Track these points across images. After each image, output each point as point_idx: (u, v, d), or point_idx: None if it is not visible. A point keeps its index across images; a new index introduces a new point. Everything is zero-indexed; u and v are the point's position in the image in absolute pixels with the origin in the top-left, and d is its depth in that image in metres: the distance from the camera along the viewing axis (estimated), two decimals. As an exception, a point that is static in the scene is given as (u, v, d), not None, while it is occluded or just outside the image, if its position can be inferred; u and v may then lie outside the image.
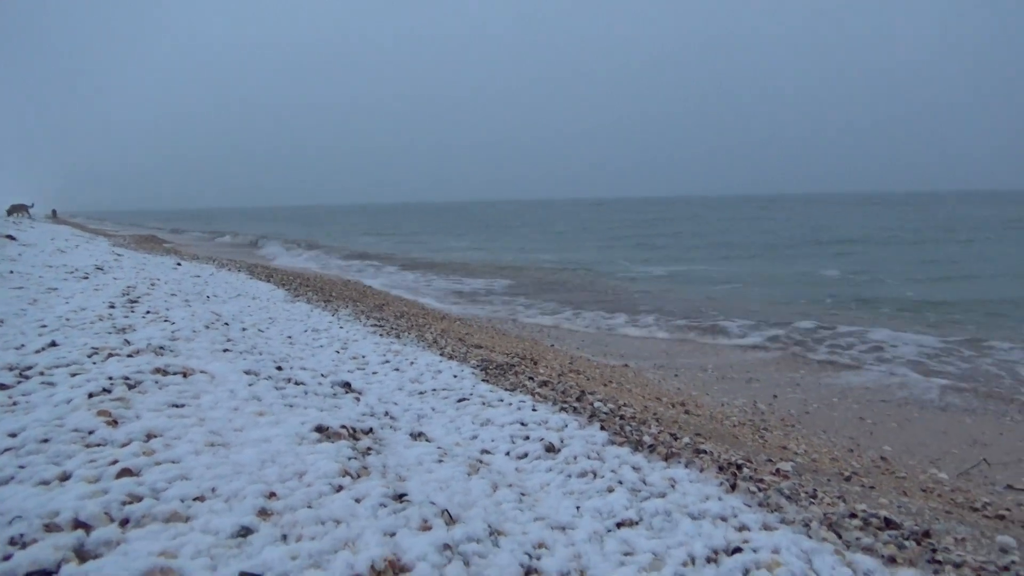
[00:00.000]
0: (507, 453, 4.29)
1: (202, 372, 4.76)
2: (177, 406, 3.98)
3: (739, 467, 4.33)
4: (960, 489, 4.60)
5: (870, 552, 3.28)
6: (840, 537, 3.42)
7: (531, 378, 6.37)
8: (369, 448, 3.76)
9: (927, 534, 3.54)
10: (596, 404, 5.61)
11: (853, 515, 3.72)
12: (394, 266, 22.99)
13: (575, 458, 4.18)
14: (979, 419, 6.34)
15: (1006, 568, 3.21)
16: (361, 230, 51.91)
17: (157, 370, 4.57)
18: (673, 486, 3.90)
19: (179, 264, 15.50)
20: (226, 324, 7.25)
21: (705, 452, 4.55)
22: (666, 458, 4.38)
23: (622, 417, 5.28)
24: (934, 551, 3.33)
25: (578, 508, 3.47)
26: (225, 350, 5.80)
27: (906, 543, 3.41)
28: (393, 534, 2.62)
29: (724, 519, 3.49)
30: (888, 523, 3.64)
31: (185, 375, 4.63)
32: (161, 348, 5.37)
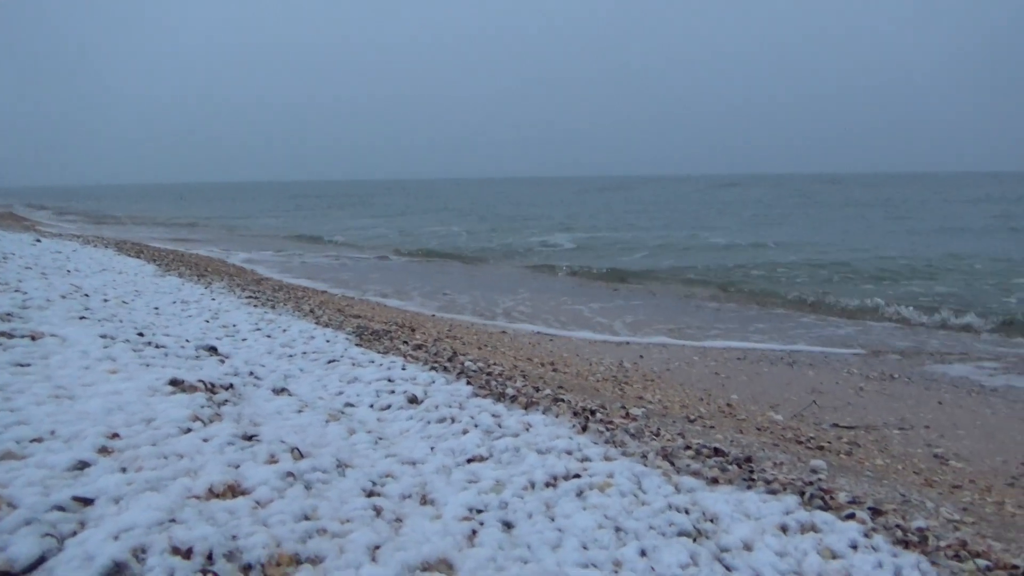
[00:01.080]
0: (371, 405, 4.45)
1: (53, 336, 4.65)
2: (22, 365, 3.90)
3: (592, 412, 4.68)
4: (791, 427, 5.15)
5: (696, 475, 3.68)
6: (673, 464, 3.81)
7: (406, 342, 6.54)
8: (227, 400, 3.84)
9: (749, 459, 4.00)
10: (467, 363, 5.85)
11: (688, 447, 4.14)
12: (266, 251, 22.45)
13: (436, 407, 4.39)
14: (820, 372, 7.04)
15: (811, 483, 3.69)
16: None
17: (1, 334, 4.43)
18: (527, 429, 4.18)
19: (39, 240, 14.59)
20: (86, 296, 7.00)
21: (563, 401, 4.88)
22: (526, 406, 4.68)
23: (489, 374, 5.55)
24: (751, 472, 3.77)
25: (432, 448, 3.69)
26: (82, 318, 5.64)
27: (729, 467, 3.84)
28: (237, 466, 2.74)
29: (569, 452, 3.81)
30: (717, 452, 4.08)
31: (33, 338, 4.51)
32: (8, 315, 5.17)
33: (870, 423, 5.41)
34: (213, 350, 5.27)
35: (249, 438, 3.11)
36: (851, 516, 3.27)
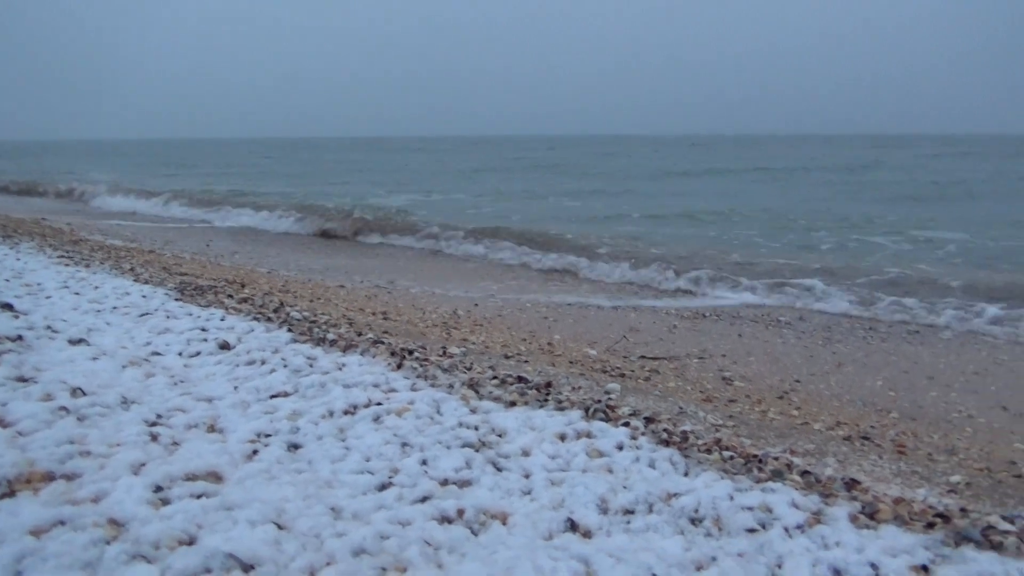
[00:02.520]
0: (179, 353, 4.43)
1: None
2: None
3: (410, 352, 4.89)
4: (602, 360, 5.61)
5: (496, 399, 3.98)
6: (477, 392, 4.09)
7: (231, 296, 6.46)
8: (10, 350, 3.71)
9: (549, 384, 4.35)
10: (292, 314, 5.88)
11: (495, 377, 4.44)
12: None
13: (248, 352, 4.44)
14: (641, 314, 7.63)
15: (600, 401, 4.08)
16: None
17: None
18: (340, 368, 4.33)
19: None
20: None
21: (383, 343, 5.05)
22: (344, 349, 4.81)
23: (314, 322, 5.62)
24: (548, 395, 4.12)
25: (236, 388, 3.77)
26: None
27: (529, 391, 4.18)
28: (5, 404, 2.71)
29: (376, 386, 4.00)
30: (520, 380, 4.41)
31: None
32: None
33: (675, 354, 5.98)
34: (8, 307, 5.00)
35: (23, 379, 3.06)
36: (626, 424, 3.68)
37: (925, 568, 2.36)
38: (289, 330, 5.21)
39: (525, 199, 22.18)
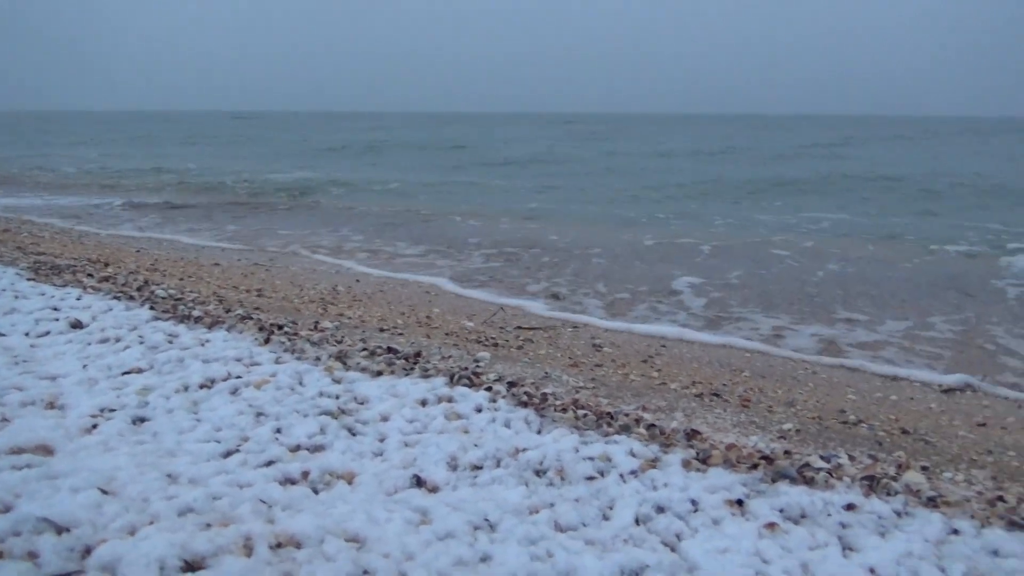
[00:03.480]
0: (26, 333, 4.24)
1: None
2: None
3: (280, 327, 4.85)
4: (479, 331, 5.73)
5: (364, 370, 4.03)
6: (344, 363, 4.13)
7: (91, 275, 6.17)
8: None
9: (419, 354, 4.44)
10: (157, 292, 5.70)
11: (365, 349, 4.48)
12: None
13: (103, 331, 4.30)
14: (510, 287, 7.81)
15: (467, 368, 4.20)
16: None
17: None
18: (203, 344, 4.26)
19: None
20: None
21: (252, 319, 4.99)
22: (210, 326, 4.72)
23: (180, 300, 5.47)
24: (416, 364, 4.21)
25: (84, 366, 3.65)
26: None
27: (397, 361, 4.25)
28: None
29: (239, 360, 3.97)
30: (390, 350, 4.47)
31: None
32: None
33: (551, 325, 6.18)
34: None
35: None
36: (488, 389, 3.82)
37: (740, 502, 2.61)
38: (152, 308, 5.06)
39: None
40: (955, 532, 2.48)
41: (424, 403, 3.51)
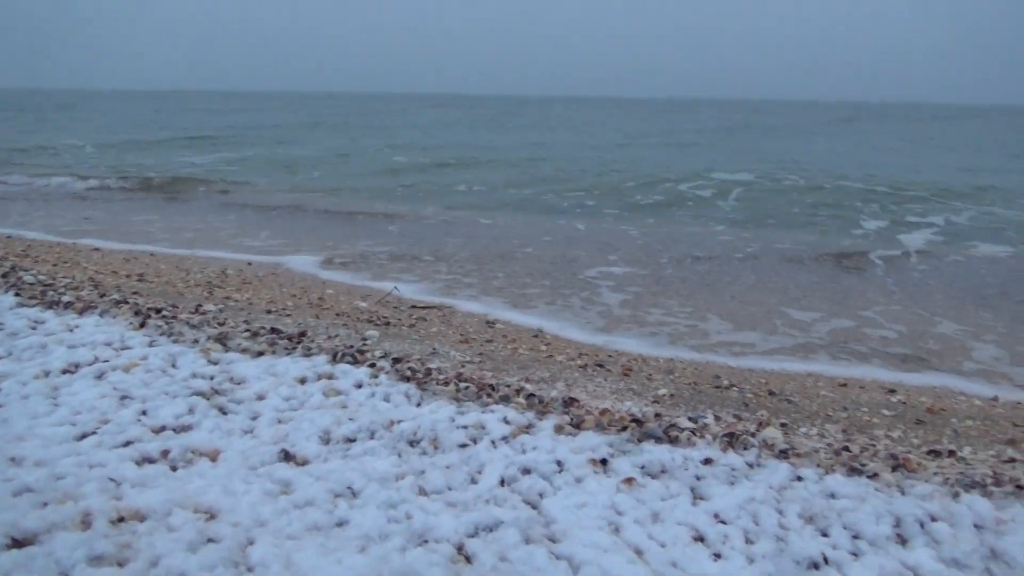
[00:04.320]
0: None
1: None
2: None
3: (157, 311, 4.70)
4: (372, 311, 5.71)
5: (245, 351, 3.96)
6: (224, 345, 4.04)
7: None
8: None
9: (303, 334, 4.39)
10: (26, 278, 5.41)
11: (248, 331, 4.40)
12: None
13: (-44, 318, 4.05)
14: (407, 268, 7.81)
15: (352, 346, 4.19)
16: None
17: None
18: (71, 330, 4.09)
19: None
20: None
21: (128, 303, 4.81)
22: (81, 311, 4.53)
23: (49, 286, 5.21)
24: (299, 344, 4.16)
25: (-69, 354, 3.44)
26: None
27: (280, 341, 4.19)
28: None
29: (108, 344, 3.84)
30: (274, 331, 4.41)
31: None
32: None
33: (445, 303, 6.21)
34: None
35: None
36: (372, 365, 3.83)
37: (604, 461, 2.74)
38: (17, 294, 4.81)
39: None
40: (799, 479, 2.67)
41: (303, 381, 3.49)
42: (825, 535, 2.25)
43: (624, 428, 3.14)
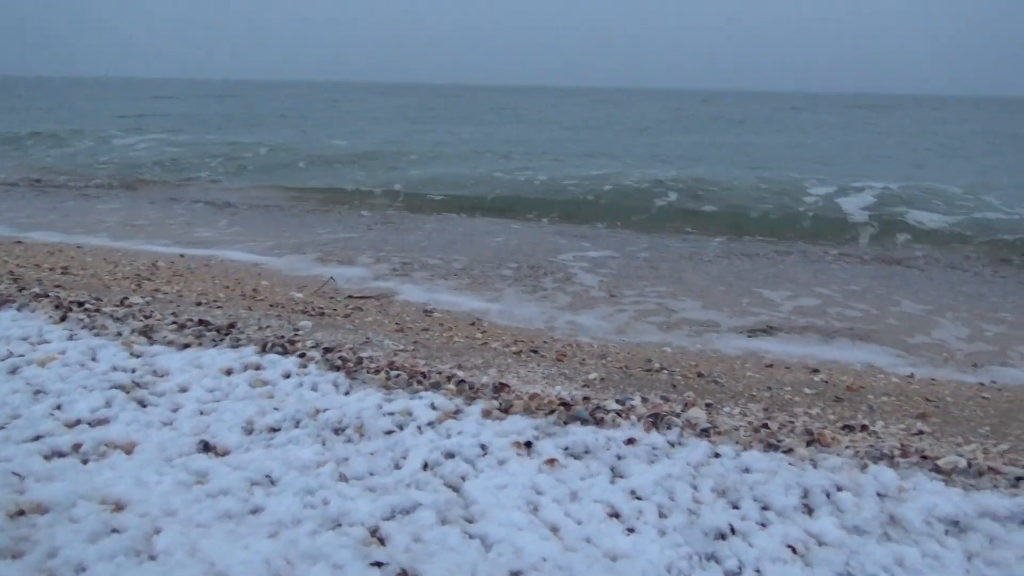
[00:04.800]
0: None
1: None
2: None
3: (80, 304, 4.58)
4: (307, 302, 5.65)
5: (171, 343, 3.90)
6: (150, 338, 3.96)
7: None
8: None
9: (232, 325, 4.34)
10: (-62, 272, 5.19)
11: (176, 323, 4.32)
12: None
13: None
14: (347, 260, 7.75)
15: (283, 337, 4.15)
16: None
17: None
18: (-15, 325, 3.94)
19: None
20: None
21: (48, 296, 4.67)
22: (-3, 306, 4.37)
23: (-37, 280, 5.01)
24: (227, 335, 4.11)
25: None
26: None
27: (208, 333, 4.13)
28: None
29: (25, 339, 3.74)
30: (202, 323, 4.34)
31: None
32: None
33: (383, 293, 6.18)
34: None
35: None
36: (301, 355, 3.80)
37: (529, 444, 2.78)
38: (-78, 291, 4.62)
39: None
40: (717, 456, 2.76)
41: (229, 372, 3.45)
42: (736, 507, 2.33)
43: (552, 411, 3.19)
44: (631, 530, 2.15)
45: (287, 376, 3.45)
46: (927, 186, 12.30)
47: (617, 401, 3.43)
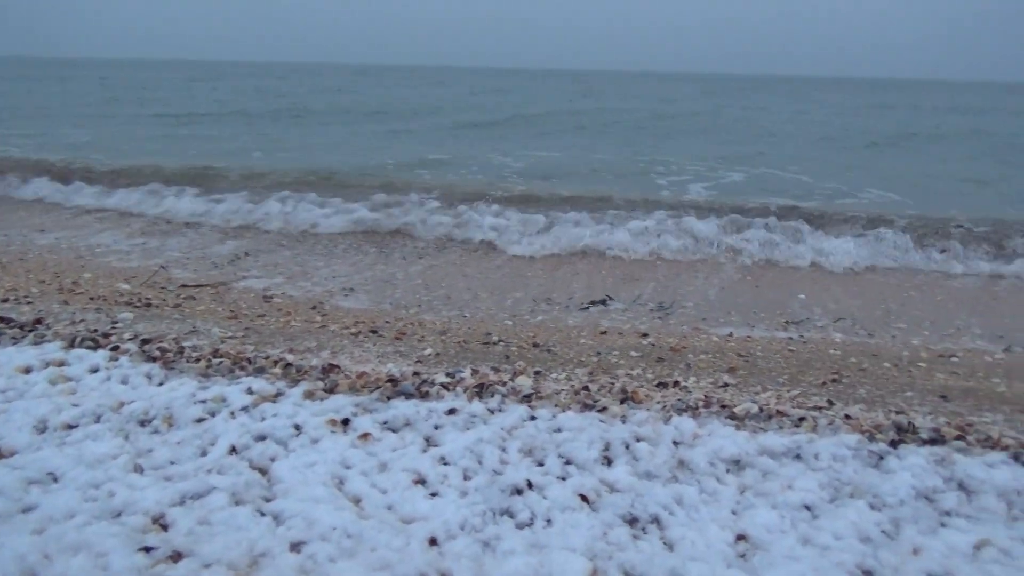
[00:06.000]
0: None
1: None
2: None
3: None
4: (134, 293, 5.37)
5: (-30, 342, 3.59)
6: (-62, 340, 3.63)
7: None
8: None
9: (39, 321, 4.07)
10: None
11: (-28, 322, 3.98)
12: None
13: None
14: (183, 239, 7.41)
15: (97, 330, 3.92)
16: None
17: None
18: None
19: None
20: None
21: None
22: None
23: None
24: (32, 331, 3.84)
25: None
26: None
27: (8, 331, 3.86)
28: None
29: None
30: (3, 320, 4.03)
31: None
32: None
33: (221, 281, 5.95)
34: None
35: None
36: (114, 348, 3.61)
37: (346, 421, 2.78)
38: None
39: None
40: (532, 418, 2.87)
41: (28, 370, 3.23)
42: (541, 464, 2.44)
43: (378, 388, 3.21)
44: (434, 494, 2.21)
45: (95, 371, 3.26)
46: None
47: (447, 375, 3.48)
